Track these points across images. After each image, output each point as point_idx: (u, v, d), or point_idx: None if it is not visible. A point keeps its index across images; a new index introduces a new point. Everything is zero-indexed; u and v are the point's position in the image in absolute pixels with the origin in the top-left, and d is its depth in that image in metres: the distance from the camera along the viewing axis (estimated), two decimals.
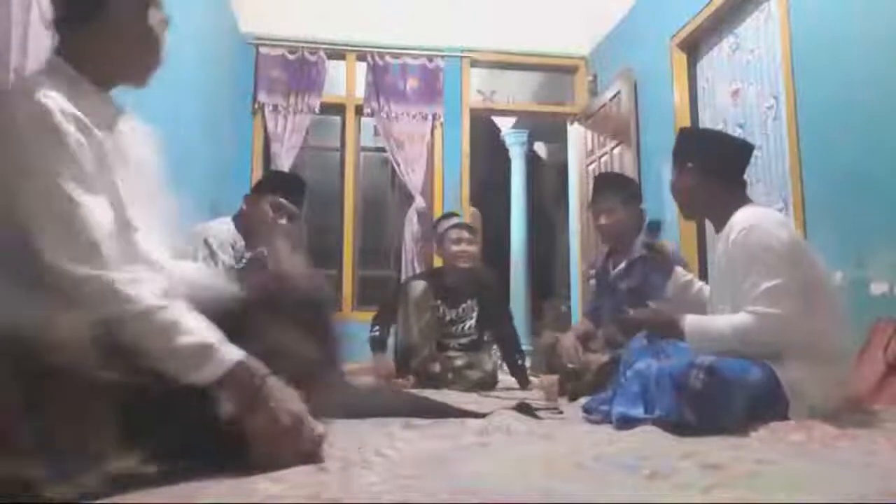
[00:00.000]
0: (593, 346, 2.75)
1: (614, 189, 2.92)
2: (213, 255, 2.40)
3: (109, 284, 1.03)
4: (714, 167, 1.92)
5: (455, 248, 3.28)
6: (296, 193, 2.60)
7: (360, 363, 3.74)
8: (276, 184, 2.64)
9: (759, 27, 3.45)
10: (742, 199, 1.90)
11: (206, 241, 2.42)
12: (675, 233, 3.92)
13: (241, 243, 2.51)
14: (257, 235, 2.55)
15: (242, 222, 2.57)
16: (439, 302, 3.32)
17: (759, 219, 1.77)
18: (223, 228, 2.52)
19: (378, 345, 3.30)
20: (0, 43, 1.51)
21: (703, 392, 1.56)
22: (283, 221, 2.54)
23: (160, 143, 1.36)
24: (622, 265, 2.82)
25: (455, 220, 3.41)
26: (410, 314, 3.20)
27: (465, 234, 3.31)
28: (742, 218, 1.80)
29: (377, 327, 3.34)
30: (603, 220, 2.85)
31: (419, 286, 3.26)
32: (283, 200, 2.52)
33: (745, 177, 1.97)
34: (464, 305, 3.37)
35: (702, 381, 1.57)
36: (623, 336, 2.12)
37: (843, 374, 1.78)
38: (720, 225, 1.88)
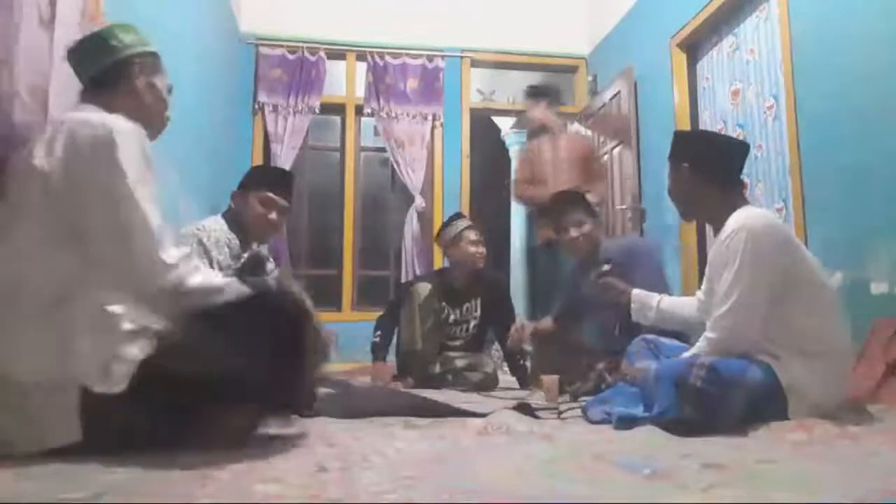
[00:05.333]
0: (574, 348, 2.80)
1: (576, 204, 2.93)
2: (208, 254, 2.35)
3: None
4: (708, 168, 1.91)
5: (472, 248, 3.30)
6: (284, 187, 2.57)
7: (360, 364, 3.74)
8: (264, 179, 2.59)
9: (759, 27, 3.45)
10: (739, 200, 1.88)
11: (200, 241, 2.35)
12: (676, 234, 3.93)
13: (235, 242, 2.46)
14: (251, 233, 2.54)
15: (233, 220, 2.52)
16: (444, 303, 3.32)
17: (747, 222, 1.76)
18: (216, 227, 2.44)
19: (380, 351, 3.29)
20: (1, 49, 1.50)
21: (702, 391, 1.56)
22: (274, 216, 2.53)
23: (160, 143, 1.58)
24: (594, 273, 2.82)
25: (469, 222, 3.42)
26: (416, 317, 3.19)
27: (480, 236, 3.35)
28: (733, 221, 1.79)
29: (380, 332, 3.33)
30: (573, 233, 2.86)
31: (426, 289, 3.25)
32: (272, 195, 2.51)
33: (744, 178, 1.96)
34: (467, 305, 3.37)
35: (702, 379, 1.57)
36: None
37: (843, 374, 1.78)
38: (718, 227, 1.87)
